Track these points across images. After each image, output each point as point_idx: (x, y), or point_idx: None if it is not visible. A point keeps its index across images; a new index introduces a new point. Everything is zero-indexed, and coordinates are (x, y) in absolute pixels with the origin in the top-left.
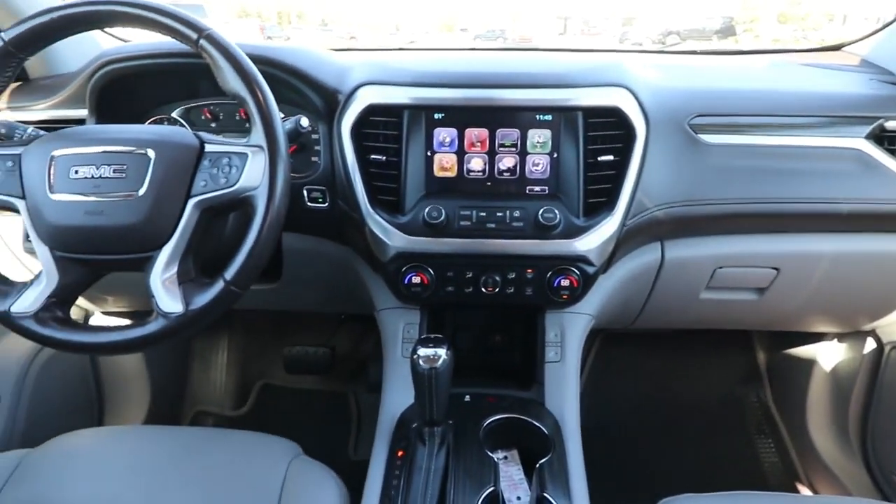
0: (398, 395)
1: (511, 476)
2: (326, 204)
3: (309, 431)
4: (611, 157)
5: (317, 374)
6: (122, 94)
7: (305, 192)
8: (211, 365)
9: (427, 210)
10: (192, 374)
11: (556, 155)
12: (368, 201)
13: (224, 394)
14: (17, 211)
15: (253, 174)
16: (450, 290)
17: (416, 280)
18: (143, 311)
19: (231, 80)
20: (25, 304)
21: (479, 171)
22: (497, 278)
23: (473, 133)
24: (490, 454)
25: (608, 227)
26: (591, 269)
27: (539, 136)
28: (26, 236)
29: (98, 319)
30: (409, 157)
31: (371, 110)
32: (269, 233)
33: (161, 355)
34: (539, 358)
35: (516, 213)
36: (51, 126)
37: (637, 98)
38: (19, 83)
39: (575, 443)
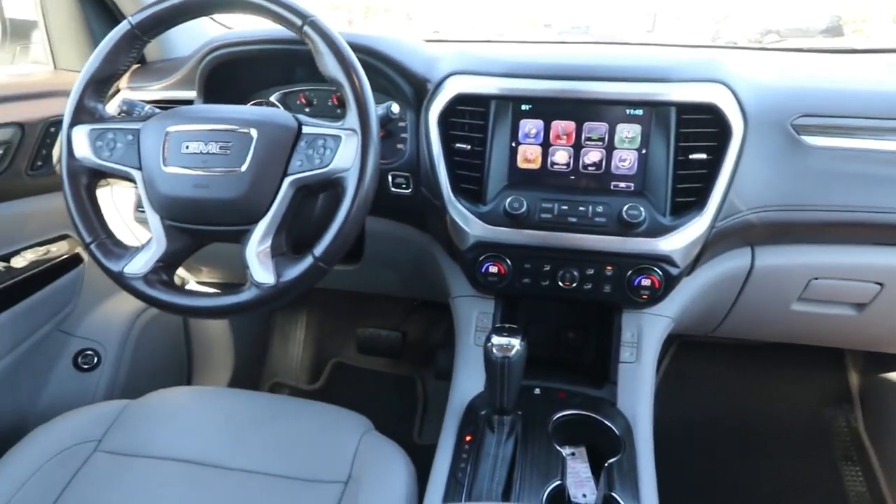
0: (468, 382)
1: (578, 473)
2: (410, 190)
3: (377, 411)
4: (703, 156)
5: (387, 356)
6: (226, 78)
7: (390, 178)
8: (289, 340)
9: (508, 201)
10: (272, 347)
11: (644, 151)
12: (451, 189)
13: (300, 368)
14: (133, 181)
15: (345, 156)
16: (526, 282)
17: (493, 270)
18: (233, 283)
19: (330, 66)
20: (137, 266)
21: (563, 165)
22: (575, 273)
23: (560, 125)
24: (559, 448)
25: (696, 228)
26: (674, 271)
27: (628, 131)
28: (136, 206)
29: (193, 288)
30: (494, 148)
31: (458, 100)
32: (357, 213)
33: (245, 327)
34: (613, 357)
35: (599, 209)
36: (163, 105)
37: (736, 95)
38: (138, 66)
39: (647, 445)
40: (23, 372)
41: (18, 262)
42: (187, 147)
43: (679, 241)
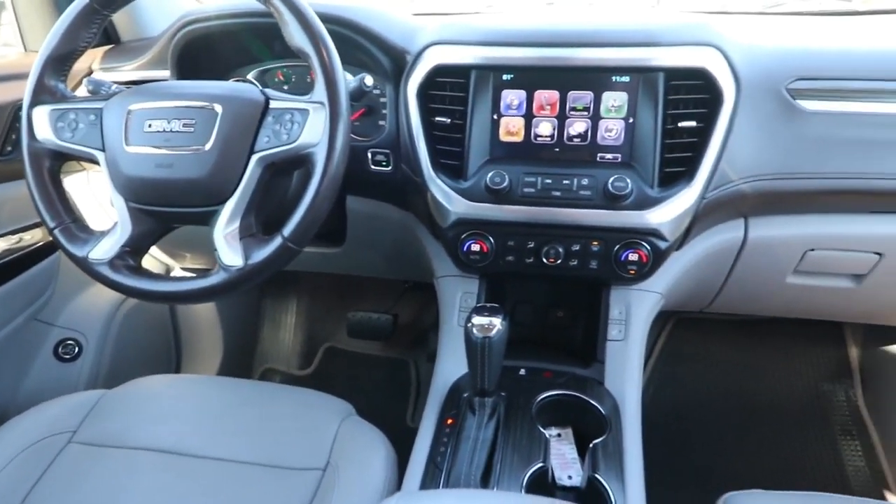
0: (452, 364)
1: (563, 454)
2: (390, 167)
3: (369, 395)
4: (693, 123)
5: (379, 339)
6: (202, 55)
7: (370, 155)
8: (280, 325)
9: (490, 175)
10: (262, 333)
11: (631, 120)
12: (431, 165)
13: (291, 353)
14: (97, 162)
15: (313, 130)
16: (510, 260)
17: (476, 248)
18: None
19: (296, 36)
20: (102, 251)
21: (547, 137)
22: (560, 249)
23: (543, 95)
24: (542, 430)
25: (685, 200)
26: (662, 245)
27: (614, 100)
28: None
29: (178, 274)
30: (475, 121)
31: (438, 71)
32: (326, 189)
33: (234, 313)
34: (601, 335)
35: (585, 182)
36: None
37: (727, 59)
38: (112, 46)
39: (633, 425)
40: (1, 363)
41: None
42: (150, 125)
43: (667, 213)
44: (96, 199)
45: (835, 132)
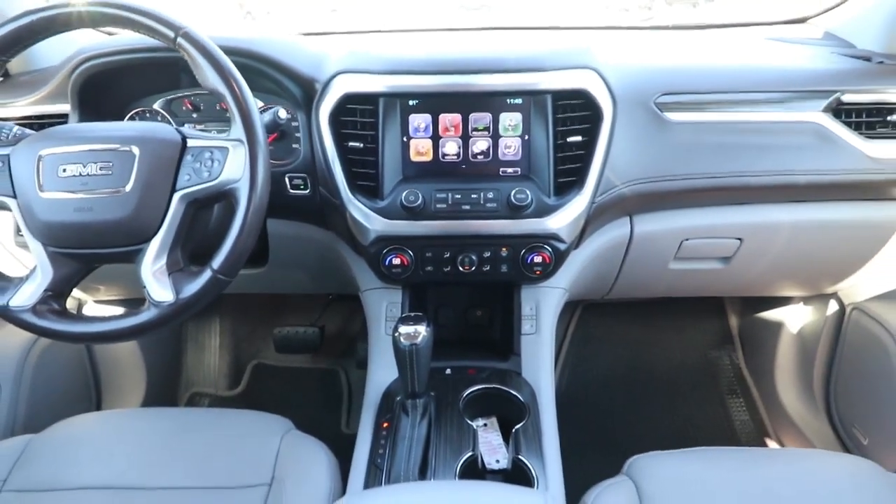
0: (383, 371)
1: (490, 441)
2: (308, 190)
3: (302, 408)
4: (579, 138)
5: (307, 352)
6: (103, 88)
7: (287, 180)
8: (204, 348)
9: (404, 194)
10: (187, 357)
11: (527, 137)
12: (348, 187)
13: (218, 375)
14: (9, 209)
15: (234, 167)
16: (429, 270)
17: (396, 261)
18: (134, 298)
19: (210, 77)
20: (23, 298)
21: (453, 155)
22: (473, 257)
23: (447, 118)
24: (469, 422)
25: (578, 206)
26: (562, 246)
27: (510, 120)
28: (16, 231)
29: (91, 308)
30: (386, 144)
31: (347, 99)
32: (252, 223)
33: (155, 340)
34: (516, 330)
35: (490, 195)
36: (34, 122)
37: (604, 79)
38: (0, 80)
39: (549, 409)
40: None
41: None
42: (64, 170)
43: (564, 218)
44: (2, 244)
45: (696, 139)
